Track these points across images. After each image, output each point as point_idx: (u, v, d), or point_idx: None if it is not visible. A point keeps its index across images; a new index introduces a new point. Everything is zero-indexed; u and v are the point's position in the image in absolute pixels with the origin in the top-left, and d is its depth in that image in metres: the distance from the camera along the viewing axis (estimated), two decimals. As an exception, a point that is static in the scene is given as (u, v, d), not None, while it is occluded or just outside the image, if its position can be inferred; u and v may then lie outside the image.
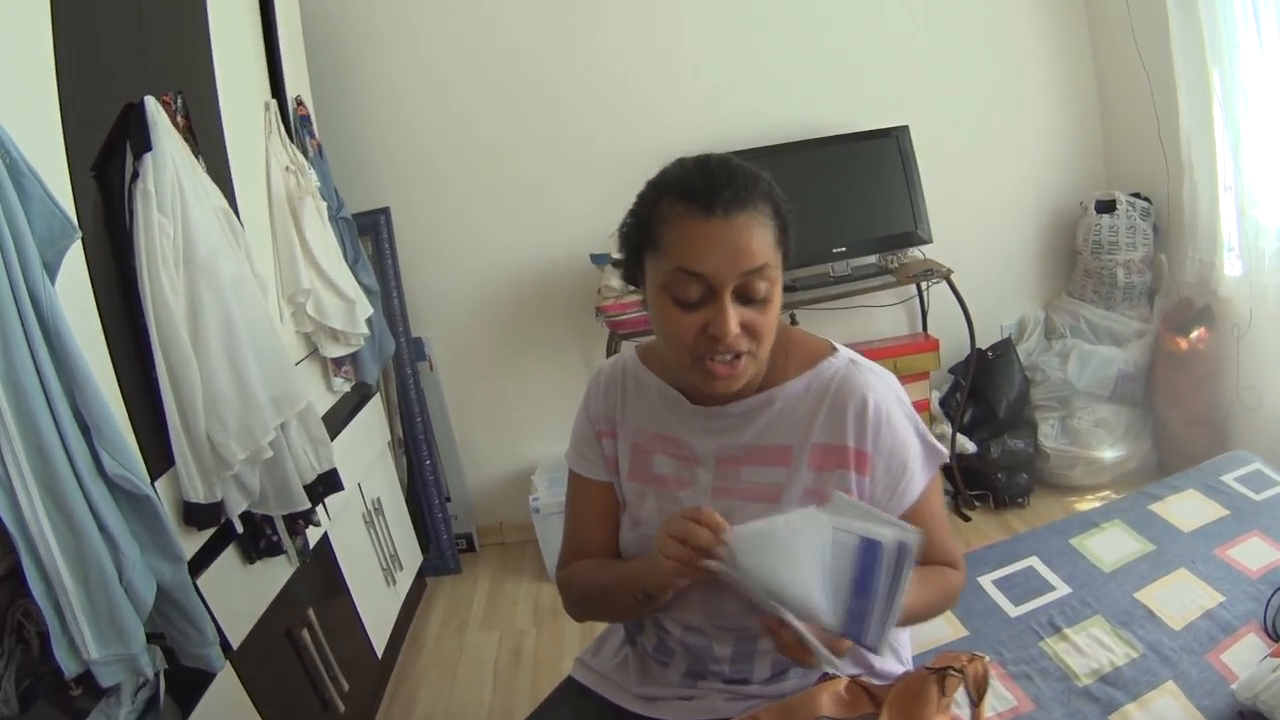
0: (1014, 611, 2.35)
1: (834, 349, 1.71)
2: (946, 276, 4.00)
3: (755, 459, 1.66)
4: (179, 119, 2.39)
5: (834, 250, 4.08)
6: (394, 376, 4.32)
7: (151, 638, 1.94)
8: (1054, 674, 2.10)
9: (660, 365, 1.80)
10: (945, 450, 1.69)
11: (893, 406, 1.63)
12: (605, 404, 1.83)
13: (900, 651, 1.85)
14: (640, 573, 1.60)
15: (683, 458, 1.73)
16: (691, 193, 1.47)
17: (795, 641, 1.34)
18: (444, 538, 4.50)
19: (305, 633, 2.80)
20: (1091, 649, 2.14)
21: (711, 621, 1.68)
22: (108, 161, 2.14)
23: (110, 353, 2.05)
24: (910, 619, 1.61)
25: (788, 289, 3.98)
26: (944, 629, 2.31)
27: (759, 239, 1.46)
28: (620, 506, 1.82)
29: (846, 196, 4.13)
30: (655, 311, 1.57)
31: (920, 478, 1.65)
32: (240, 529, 2.44)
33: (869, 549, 1.32)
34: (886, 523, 1.35)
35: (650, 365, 1.82)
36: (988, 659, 1.58)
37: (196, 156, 2.41)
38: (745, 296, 1.48)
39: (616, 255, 3.83)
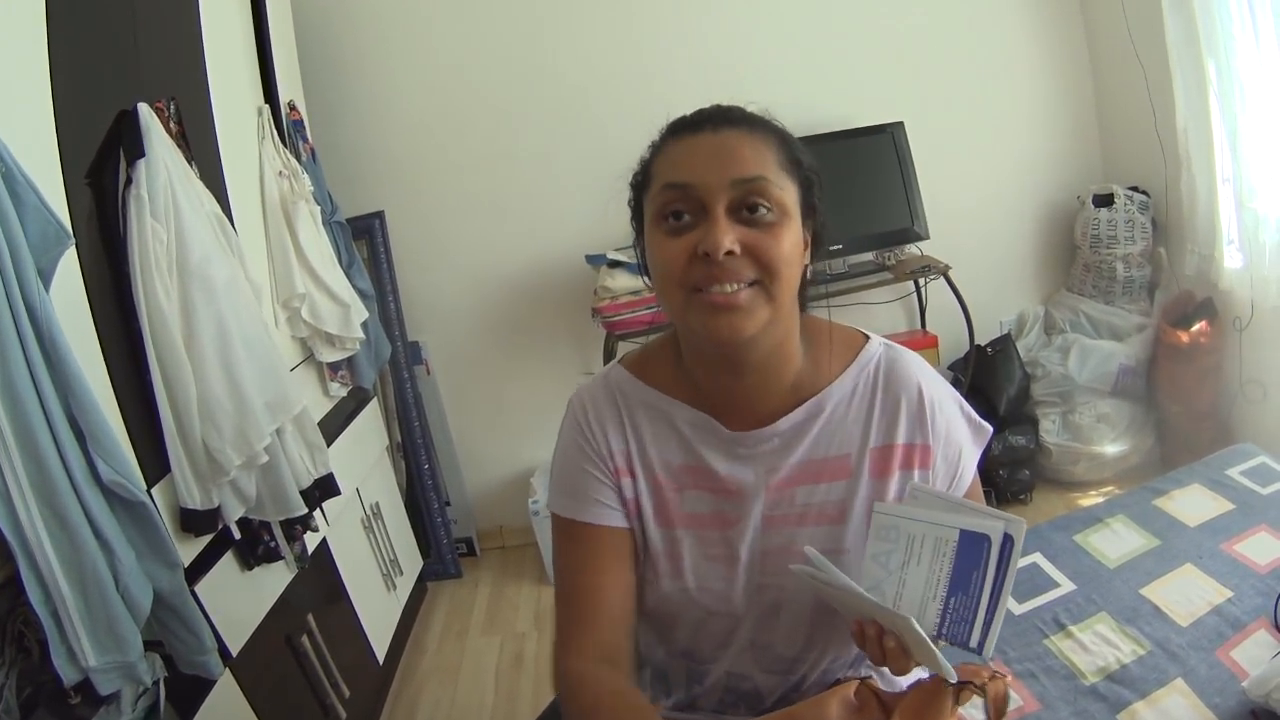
0: (1018, 609, 2.33)
1: (866, 335, 1.58)
2: (944, 273, 3.99)
3: (809, 477, 1.48)
4: (172, 125, 2.38)
5: (830, 248, 4.03)
6: (391, 381, 4.31)
7: (150, 645, 1.94)
8: (1060, 672, 2.08)
9: (673, 382, 1.55)
10: (989, 426, 1.59)
11: (940, 388, 1.53)
12: (616, 436, 1.55)
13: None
14: None
15: (722, 491, 1.50)
16: (681, 123, 1.41)
17: (897, 649, 1.26)
18: (444, 542, 4.48)
19: (305, 639, 2.79)
20: (1097, 646, 2.12)
21: (760, 666, 1.57)
22: (101, 168, 2.14)
23: (105, 359, 2.04)
24: None
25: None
26: (948, 628, 2.29)
27: (752, 150, 1.34)
28: (637, 558, 1.55)
29: (842, 194, 4.11)
30: (651, 254, 1.40)
31: (972, 459, 1.54)
32: (238, 535, 2.43)
33: (973, 543, 1.25)
34: (980, 513, 1.27)
35: (657, 383, 1.57)
36: (1009, 677, 1.54)
37: (190, 163, 2.40)
38: (744, 216, 1.32)
39: (612, 255, 3.83)
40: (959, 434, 1.52)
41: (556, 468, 1.60)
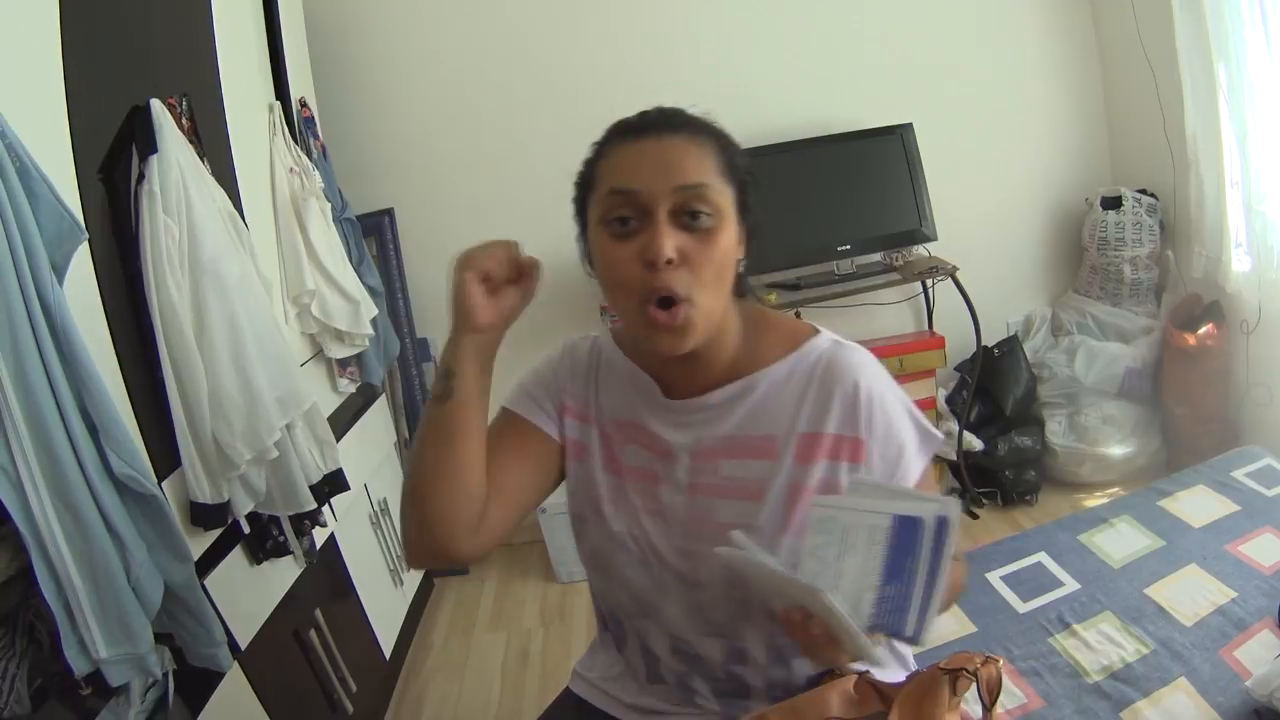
0: (1023, 608, 2.35)
1: (816, 330, 1.60)
2: (952, 274, 4.00)
3: (735, 451, 1.55)
4: (184, 121, 2.39)
5: (839, 248, 4.08)
6: (399, 377, 4.32)
7: (160, 638, 1.95)
8: (1064, 670, 2.09)
9: (633, 347, 1.68)
10: (940, 434, 1.60)
11: (885, 389, 1.52)
12: (580, 386, 1.71)
13: (906, 657, 1.78)
14: (442, 354, 1.48)
15: (654, 450, 1.61)
16: (625, 127, 1.48)
17: (824, 637, 1.23)
18: (451, 539, 4.44)
19: (313, 633, 2.80)
20: (1101, 645, 2.14)
21: (697, 629, 1.61)
22: (114, 164, 2.15)
23: (117, 354, 2.05)
24: None
25: (791, 287, 3.99)
26: (951, 625, 2.31)
27: (695, 158, 1.40)
28: (554, 472, 1.69)
29: (851, 194, 4.14)
30: (597, 257, 1.49)
31: (917, 464, 1.52)
32: (247, 530, 2.45)
33: (907, 528, 1.22)
34: (915, 498, 1.26)
35: (625, 347, 1.70)
36: (1001, 661, 1.55)
37: (201, 158, 2.41)
38: (685, 222, 1.39)
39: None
40: (902, 436, 1.53)
41: (526, 374, 1.76)
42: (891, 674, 1.65)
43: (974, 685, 1.43)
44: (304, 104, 3.53)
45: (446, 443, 1.44)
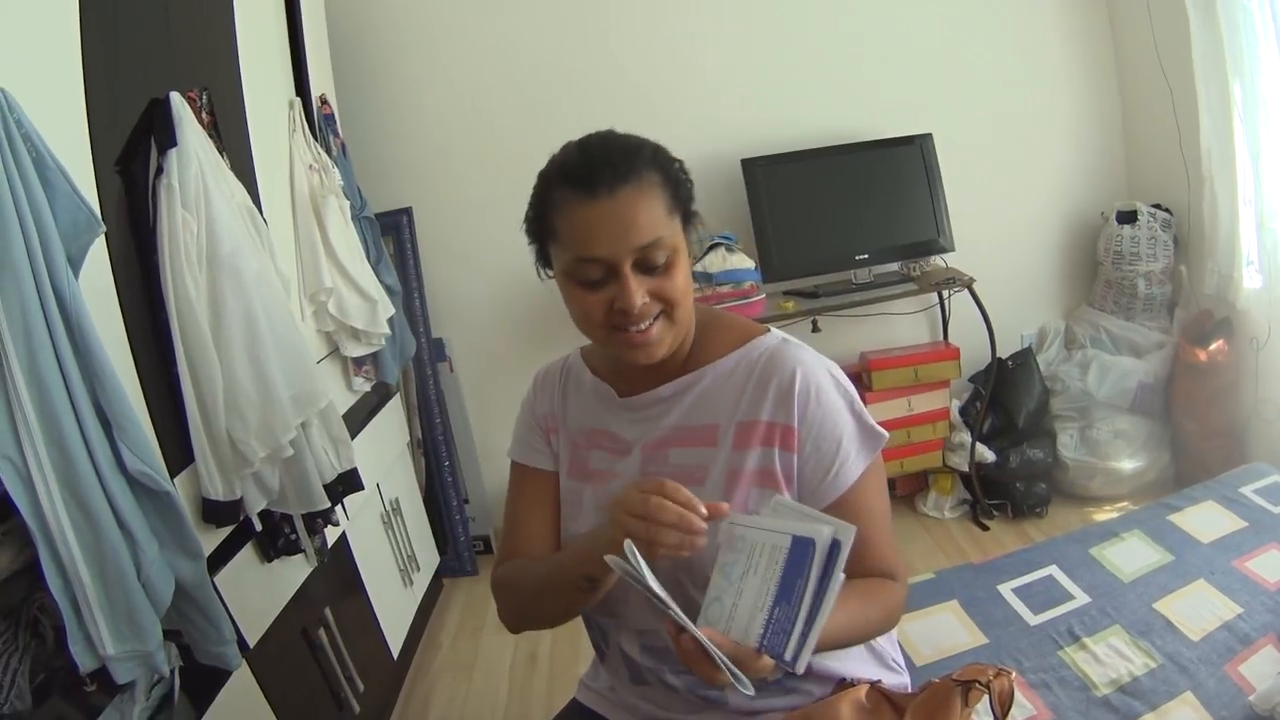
0: (1033, 620, 2.35)
1: (768, 329, 1.69)
2: (968, 285, 3.99)
3: (682, 440, 1.64)
4: (204, 115, 2.40)
5: (856, 257, 4.09)
6: (414, 377, 4.33)
7: (167, 634, 1.94)
8: (1073, 683, 2.09)
9: (595, 359, 1.81)
10: (885, 433, 1.62)
11: (824, 381, 1.58)
12: (549, 403, 1.83)
13: (884, 656, 1.78)
14: (582, 553, 1.49)
15: (615, 450, 1.71)
16: (574, 177, 1.49)
17: (697, 653, 1.23)
18: (461, 539, 4.49)
19: (322, 632, 2.80)
20: (1110, 659, 2.14)
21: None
22: (132, 157, 2.15)
23: (132, 348, 2.06)
24: (842, 640, 1.47)
25: (809, 295, 3.99)
26: (963, 636, 2.31)
27: (647, 212, 1.46)
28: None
29: (869, 203, 4.14)
30: (565, 296, 1.57)
31: (857, 461, 1.56)
32: (259, 527, 2.45)
33: (800, 549, 1.20)
34: (817, 519, 1.22)
35: (589, 360, 1.83)
36: (1014, 674, 1.55)
37: (221, 153, 2.41)
38: (646, 267, 1.48)
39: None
40: (840, 429, 1.57)
41: (517, 420, 1.89)
42: (868, 672, 1.68)
43: (986, 697, 1.43)
44: (324, 101, 3.53)
45: (569, 605, 1.64)
